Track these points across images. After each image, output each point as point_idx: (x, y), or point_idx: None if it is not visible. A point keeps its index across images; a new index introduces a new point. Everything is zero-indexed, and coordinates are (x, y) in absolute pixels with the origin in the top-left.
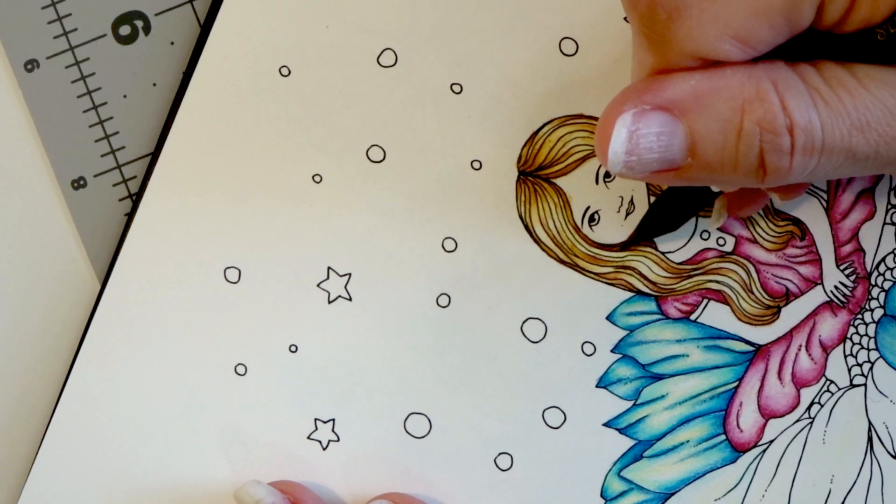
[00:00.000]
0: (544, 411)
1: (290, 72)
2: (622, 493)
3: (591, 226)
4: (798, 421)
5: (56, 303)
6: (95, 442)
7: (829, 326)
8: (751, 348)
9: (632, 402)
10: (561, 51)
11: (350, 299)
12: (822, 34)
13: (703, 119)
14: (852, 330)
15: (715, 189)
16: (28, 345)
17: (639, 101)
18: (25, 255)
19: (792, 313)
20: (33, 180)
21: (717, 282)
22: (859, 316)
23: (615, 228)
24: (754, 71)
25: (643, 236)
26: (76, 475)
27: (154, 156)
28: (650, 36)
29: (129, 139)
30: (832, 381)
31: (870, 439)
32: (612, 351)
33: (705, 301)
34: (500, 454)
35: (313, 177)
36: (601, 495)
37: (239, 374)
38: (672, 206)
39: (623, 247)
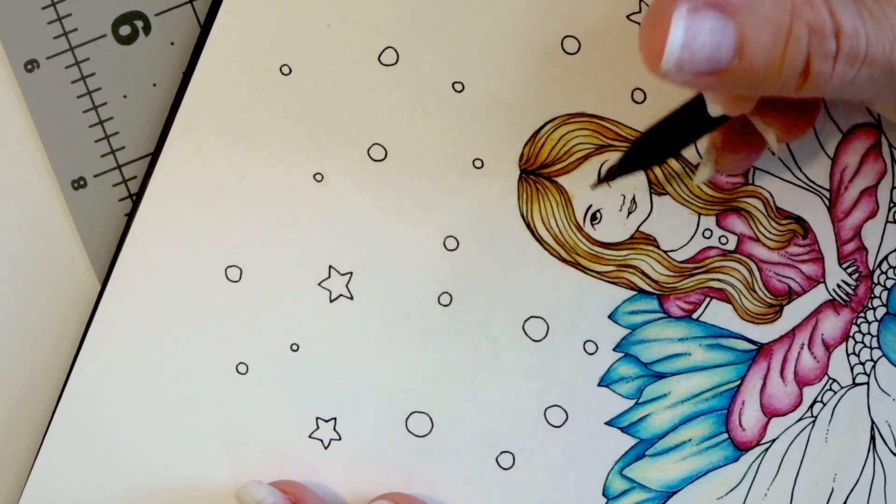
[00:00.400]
0: (546, 410)
1: (290, 71)
2: (624, 492)
3: (592, 224)
4: (800, 420)
5: (56, 303)
6: (96, 441)
7: (831, 325)
8: (753, 347)
9: (634, 401)
10: (563, 49)
11: (351, 298)
12: None
13: (753, 19)
14: (855, 328)
15: (716, 114)
16: (28, 345)
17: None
18: (25, 255)
19: (794, 312)
20: (33, 180)
21: (720, 280)
22: (862, 314)
23: (617, 227)
24: None
25: (630, 166)
26: (77, 475)
27: (154, 156)
28: None
29: (129, 139)
30: (834, 380)
31: (872, 438)
32: (613, 349)
33: (707, 299)
34: (501, 453)
35: (314, 175)
36: (603, 494)
37: (240, 373)
38: (664, 133)
39: (608, 177)
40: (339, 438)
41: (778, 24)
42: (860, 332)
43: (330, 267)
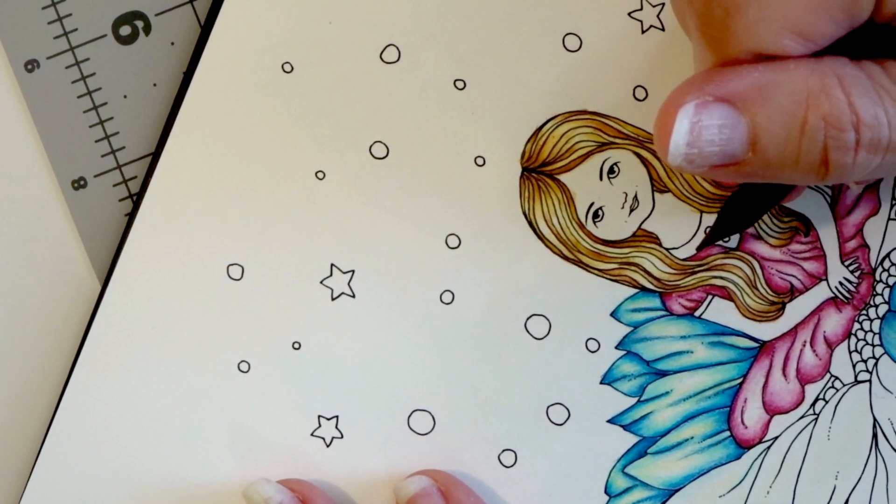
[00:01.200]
0: (548, 408)
1: (292, 68)
2: (626, 490)
3: (595, 222)
4: (802, 417)
5: (56, 303)
6: (97, 441)
7: (833, 322)
8: (755, 344)
9: (636, 399)
10: (565, 46)
11: (353, 296)
12: (884, 29)
13: (765, 112)
14: (857, 326)
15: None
16: (28, 345)
17: (701, 92)
18: (25, 256)
19: (796, 309)
20: (33, 180)
21: (722, 278)
22: (864, 312)
23: (619, 224)
24: (819, 66)
25: (721, 234)
26: (78, 474)
27: (154, 156)
28: (708, 33)
29: (130, 139)
30: (837, 378)
31: (874, 435)
32: (616, 347)
33: (709, 297)
34: (503, 451)
35: (316, 173)
36: (605, 492)
37: (242, 372)
38: (748, 201)
39: (700, 247)
40: (341, 437)
41: (792, 117)
42: (862, 329)
43: (332, 265)
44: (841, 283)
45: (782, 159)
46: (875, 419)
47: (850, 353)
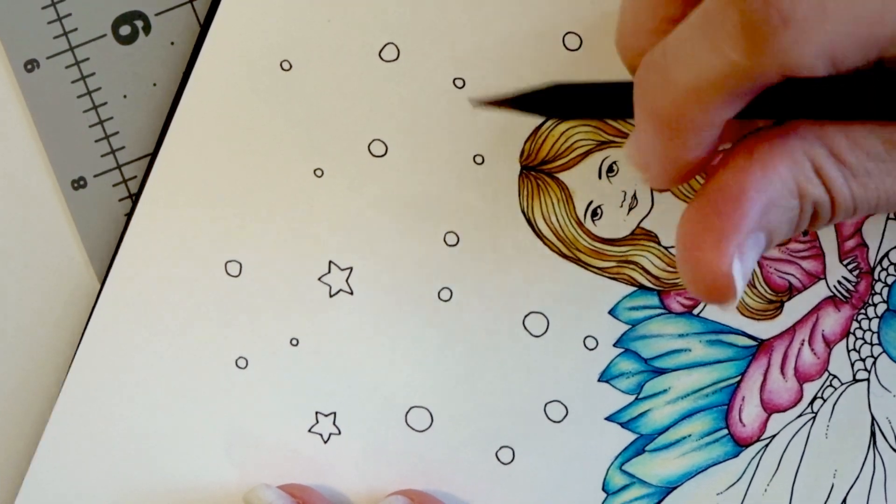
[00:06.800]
0: (546, 405)
1: (291, 66)
2: (624, 487)
3: (593, 220)
4: (801, 416)
5: (55, 303)
6: (94, 439)
7: (832, 321)
8: (753, 343)
9: (634, 397)
10: (564, 45)
11: (351, 293)
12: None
13: (774, 219)
14: (855, 325)
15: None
16: (27, 344)
17: (736, 243)
18: (25, 255)
19: (795, 308)
20: (33, 180)
21: None
22: (862, 311)
23: (618, 223)
24: (794, 154)
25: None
26: (74, 474)
27: (154, 156)
28: (751, 36)
29: (129, 139)
30: (835, 376)
31: (873, 434)
32: (614, 345)
33: None
34: (501, 448)
35: (315, 171)
36: (603, 489)
37: (240, 368)
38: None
39: (496, 104)
40: (339, 433)
41: (792, 213)
42: (861, 328)
43: (330, 262)
44: (840, 282)
45: (785, 239)
46: (873, 418)
47: (849, 352)
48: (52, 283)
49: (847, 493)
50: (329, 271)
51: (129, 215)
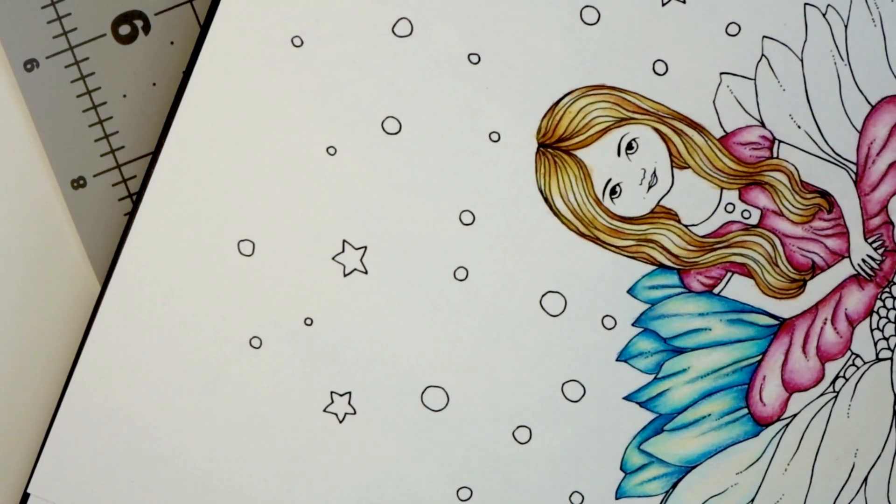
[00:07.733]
0: (563, 385)
1: (302, 42)
2: (642, 467)
3: (612, 198)
4: (822, 395)
5: (56, 302)
6: (98, 440)
7: (855, 300)
8: (775, 322)
9: (653, 376)
10: (582, 19)
11: (366, 272)
12: None
13: None
14: (879, 304)
15: None
16: (28, 344)
17: None
18: (25, 255)
19: (818, 287)
20: (33, 180)
21: (742, 255)
22: (887, 289)
23: (637, 201)
24: None
25: None
26: (80, 474)
27: (154, 155)
28: None
29: (129, 139)
30: (858, 355)
31: (895, 413)
32: (632, 325)
33: (729, 274)
34: (518, 427)
35: (328, 149)
36: (621, 468)
37: (254, 348)
38: None
39: None
40: (354, 413)
41: None
42: (885, 307)
43: (344, 241)
44: (864, 261)
45: None
46: None
47: (872, 330)
48: (51, 282)
49: (868, 473)
50: (343, 250)
51: (130, 215)
